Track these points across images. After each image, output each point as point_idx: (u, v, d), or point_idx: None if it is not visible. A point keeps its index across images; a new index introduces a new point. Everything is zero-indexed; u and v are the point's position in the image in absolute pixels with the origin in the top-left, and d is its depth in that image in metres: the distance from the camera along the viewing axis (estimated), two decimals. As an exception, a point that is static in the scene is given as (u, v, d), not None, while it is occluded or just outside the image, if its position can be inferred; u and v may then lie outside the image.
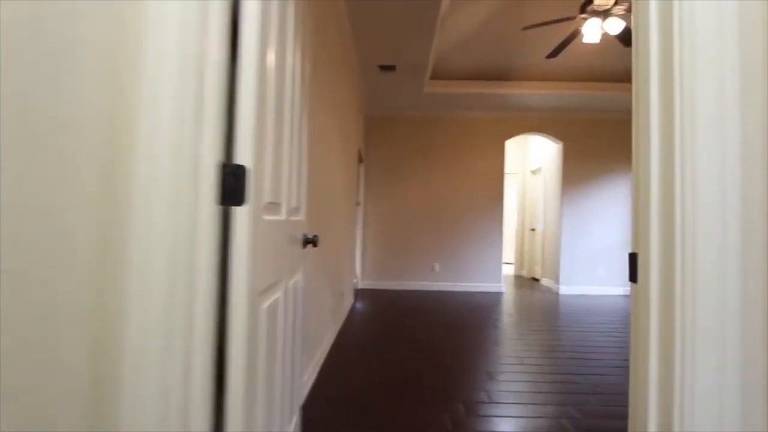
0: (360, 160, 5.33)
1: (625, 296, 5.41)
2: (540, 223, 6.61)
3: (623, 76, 4.65)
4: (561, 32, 3.86)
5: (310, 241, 1.51)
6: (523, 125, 5.63)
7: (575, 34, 3.34)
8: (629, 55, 4.16)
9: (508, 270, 8.06)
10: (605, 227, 5.58)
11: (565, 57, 4.28)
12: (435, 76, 4.74)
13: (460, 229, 5.58)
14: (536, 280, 6.79)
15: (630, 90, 4.39)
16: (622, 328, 3.70)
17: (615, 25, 3.09)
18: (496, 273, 5.57)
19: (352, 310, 4.18)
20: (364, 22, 3.21)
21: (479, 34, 3.90)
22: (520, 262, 7.55)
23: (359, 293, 5.17)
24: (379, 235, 5.60)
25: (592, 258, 5.57)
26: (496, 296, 5.19)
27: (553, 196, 6.04)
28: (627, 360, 2.78)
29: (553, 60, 4.38)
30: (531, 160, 7.16)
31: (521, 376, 2.48)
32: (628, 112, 5.45)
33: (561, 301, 4.93)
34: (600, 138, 5.63)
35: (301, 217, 1.47)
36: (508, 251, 8.84)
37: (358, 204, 5.41)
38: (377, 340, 3.16)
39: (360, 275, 5.52)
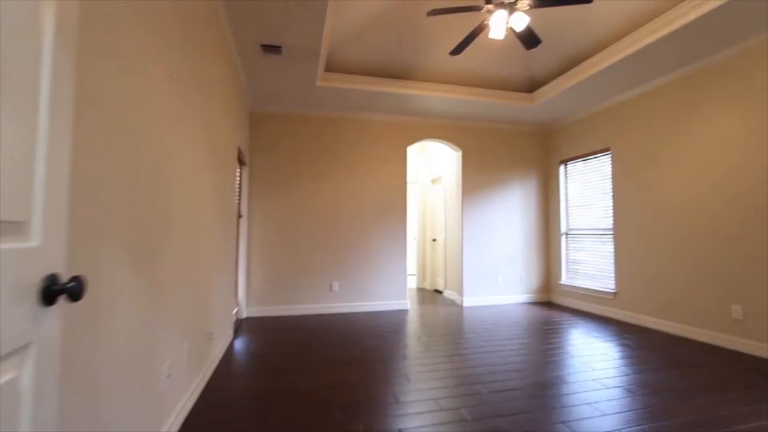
0: (242, 162, 4.44)
1: (523, 303, 5.46)
2: (441, 233, 6.46)
3: (524, 87, 4.68)
4: (466, 29, 3.63)
5: (60, 291, 0.74)
6: (424, 131, 5.38)
7: (481, 28, 3.09)
8: (531, 64, 4.14)
9: (411, 282, 7.81)
10: (503, 236, 5.61)
11: (469, 61, 4.09)
12: (330, 69, 4.16)
13: (361, 242, 5.04)
14: (439, 292, 6.60)
15: (530, 100, 4.35)
16: (526, 337, 3.53)
17: (519, 21, 2.89)
18: (401, 289, 5.15)
19: (229, 352, 3.28)
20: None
21: (380, 23, 3.44)
22: (422, 273, 7.34)
23: (244, 324, 4.23)
24: (267, 253, 4.74)
25: (493, 267, 5.53)
26: (402, 315, 4.75)
27: (453, 205, 5.91)
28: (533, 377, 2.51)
29: (456, 63, 4.16)
30: (431, 169, 7.04)
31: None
32: (526, 124, 5.60)
33: (467, 315, 4.70)
34: (498, 148, 5.67)
35: (32, 242, 0.70)
36: (410, 263, 8.65)
37: (240, 216, 4.49)
38: (255, 400, 2.37)
39: (244, 302, 4.58)
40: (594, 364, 2.96)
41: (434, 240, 6.93)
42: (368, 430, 1.95)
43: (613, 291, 4.57)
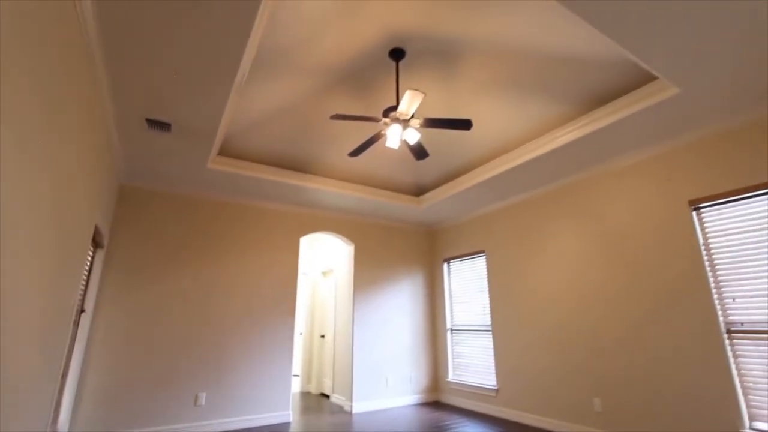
0: (97, 244, 3.70)
1: (412, 405, 5.25)
2: (331, 328, 6.12)
3: (413, 191, 5.11)
4: (364, 133, 3.91)
5: None
6: (318, 223, 5.35)
7: (378, 136, 3.36)
8: (420, 172, 4.60)
9: (295, 384, 7.00)
10: (393, 332, 5.54)
11: (366, 162, 4.36)
12: (224, 152, 3.98)
13: (240, 342, 4.41)
14: (326, 396, 5.99)
15: (418, 203, 4.74)
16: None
17: (411, 136, 3.25)
18: (284, 397, 4.51)
19: None
20: (128, 55, 2.29)
21: (284, 116, 3.51)
22: (307, 374, 6.67)
23: (56, 464, 3.09)
24: (112, 358, 3.77)
25: (383, 365, 5.31)
26: (283, 430, 4.07)
27: (344, 299, 5.74)
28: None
29: (353, 163, 4.40)
30: (323, 261, 6.90)
31: None
32: (415, 224, 6.00)
33: (357, 426, 4.26)
34: (389, 244, 5.90)
35: None
36: (296, 361, 7.85)
37: (82, 311, 3.59)
38: None
39: (67, 422, 3.42)
40: (487, 474, 2.84)
41: (323, 336, 6.50)
42: None
43: (495, 387, 4.72)
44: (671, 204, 3.36)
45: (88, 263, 3.51)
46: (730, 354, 2.89)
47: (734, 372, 2.85)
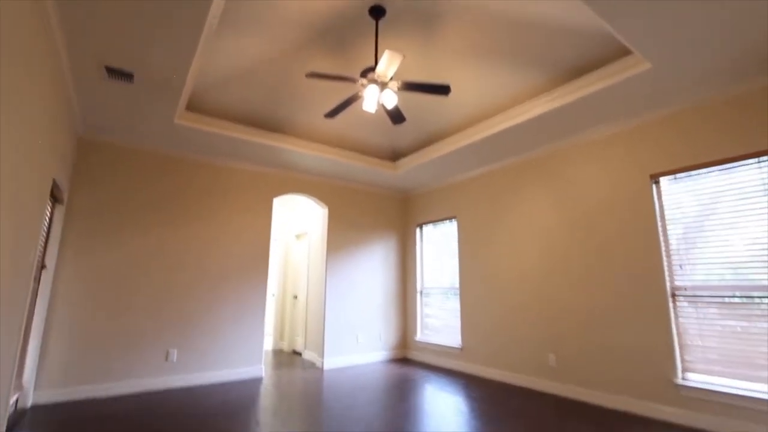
0: (57, 199, 3.53)
1: (382, 361, 5.50)
2: (303, 290, 6.21)
3: (389, 155, 5.08)
4: (341, 94, 3.81)
5: None
6: (292, 185, 5.28)
7: (355, 97, 3.28)
8: (396, 137, 4.55)
9: (267, 343, 7.15)
10: (365, 294, 5.69)
11: (342, 125, 4.28)
12: (193, 108, 3.80)
13: (211, 301, 4.42)
14: (298, 353, 6.17)
15: (394, 168, 4.75)
16: (386, 399, 3.50)
17: (389, 99, 3.19)
18: (256, 353, 4.62)
19: (-7, 462, 2.31)
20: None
21: (258, 72, 3.35)
22: (280, 333, 6.81)
23: (28, 417, 3.09)
24: (80, 314, 3.71)
25: (355, 325, 5.49)
26: (255, 385, 4.20)
27: (318, 262, 5.80)
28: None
29: (329, 125, 4.30)
30: (296, 224, 6.87)
31: None
32: (390, 188, 6.02)
33: (328, 380, 4.45)
34: (363, 208, 5.92)
35: None
36: (268, 321, 7.97)
37: (43, 267, 3.47)
38: None
39: (32, 384, 3.40)
40: (448, 420, 3.07)
41: (295, 297, 6.60)
42: None
43: (460, 346, 5.01)
44: (634, 176, 3.52)
45: (48, 218, 3.36)
46: (672, 315, 3.17)
47: (674, 331, 3.15)
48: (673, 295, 3.20)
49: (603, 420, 3.10)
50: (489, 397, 3.74)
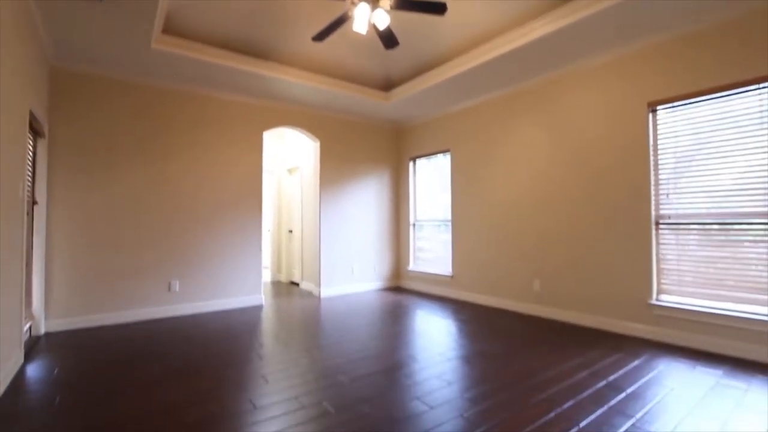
0: (37, 133, 3.41)
1: (376, 290, 5.79)
2: (298, 224, 6.30)
3: (382, 85, 4.86)
4: (330, 15, 3.54)
5: None
6: (282, 117, 5.10)
7: (345, 17, 3.06)
8: (389, 65, 4.32)
9: (265, 276, 7.42)
10: (359, 227, 5.80)
11: (331, 50, 4.02)
12: (172, 32, 3.52)
13: (209, 234, 4.49)
14: (296, 284, 6.44)
15: (386, 98, 4.57)
16: (380, 323, 3.75)
17: (381, 19, 2.98)
18: (255, 283, 4.81)
19: (18, 383, 2.49)
20: None
21: (233, -14, 3.06)
22: (277, 266, 7.04)
23: (43, 343, 3.28)
24: (79, 250, 3.77)
25: (349, 257, 5.67)
26: (256, 312, 4.44)
27: (311, 196, 5.82)
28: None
29: (318, 50, 4.04)
30: (288, 158, 6.77)
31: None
32: (382, 120, 5.85)
33: (325, 306, 4.70)
34: (356, 141, 5.80)
35: None
36: (265, 255, 8.19)
37: (35, 203, 3.45)
38: (62, 435, 1.85)
39: (43, 313, 3.55)
40: (437, 340, 3.32)
41: (290, 231, 6.72)
42: (222, 447, 1.73)
43: (450, 274, 5.25)
44: (632, 105, 3.45)
45: (31, 153, 3.26)
46: (654, 242, 3.31)
47: (654, 257, 3.30)
48: (657, 224, 3.31)
49: (580, 336, 3.37)
50: (476, 319, 4.01)
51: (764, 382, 2.38)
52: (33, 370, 2.65)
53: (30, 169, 3.22)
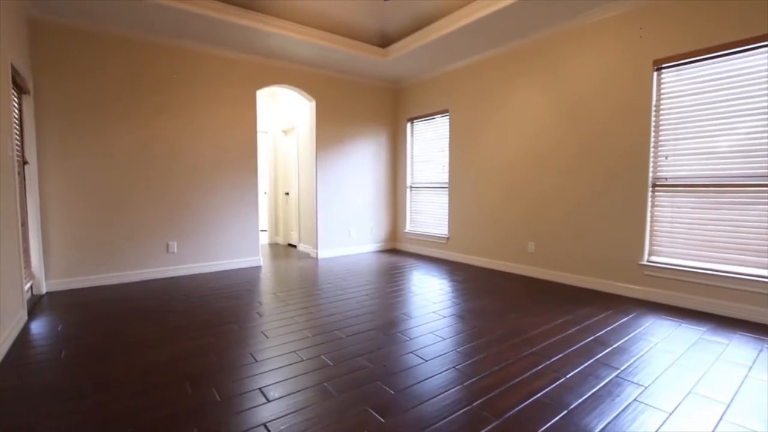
0: (21, 89, 3.29)
1: (373, 252, 5.86)
2: (295, 186, 6.26)
3: (379, 41, 4.66)
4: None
5: None
6: (276, 75, 4.93)
7: (339, -36, 2.87)
8: (389, 18, 4.11)
9: (263, 238, 7.48)
10: (356, 190, 5.78)
11: (328, 3, 3.82)
12: (154, -21, 3.31)
13: (205, 196, 4.47)
14: (293, 246, 6.51)
15: (384, 55, 4.38)
16: (376, 282, 3.83)
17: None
18: (253, 245, 4.85)
19: (24, 339, 2.56)
20: None
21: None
22: (274, 228, 7.07)
23: (45, 301, 3.34)
24: (74, 211, 3.75)
25: (346, 220, 5.70)
26: (254, 272, 4.51)
27: (307, 158, 5.74)
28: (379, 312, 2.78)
29: (313, 4, 3.83)
30: (283, 118, 6.61)
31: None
32: (380, 79, 5.67)
33: (322, 267, 4.78)
34: (352, 102, 5.65)
35: None
36: (262, 217, 8.21)
37: (25, 163, 3.39)
38: (71, 392, 1.93)
39: (43, 273, 3.59)
40: (433, 298, 3.41)
41: (287, 194, 6.69)
42: (224, 396, 1.81)
43: (447, 236, 5.30)
44: (636, 64, 3.34)
45: (17, 110, 3.16)
46: (649, 205, 3.33)
47: (648, 219, 3.33)
48: (654, 186, 3.31)
49: (572, 295, 3.47)
50: (471, 279, 4.10)
51: (744, 338, 2.48)
52: (37, 327, 2.72)
53: (17, 127, 3.13)
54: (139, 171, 4.06)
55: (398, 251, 5.98)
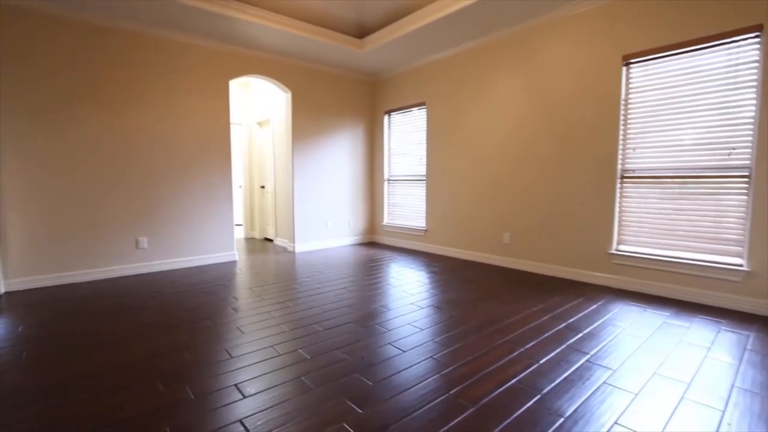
0: (-28, 77, 3.07)
1: (351, 245, 5.85)
2: (270, 179, 6.15)
3: (355, 32, 4.59)
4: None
5: None
6: (250, 65, 4.80)
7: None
8: (365, 8, 4.05)
9: (238, 233, 7.33)
10: (333, 183, 5.73)
11: (296, -13, 3.72)
12: (116, -39, 3.14)
13: (176, 190, 4.32)
14: (270, 240, 6.41)
15: (360, 46, 4.32)
16: (354, 275, 3.83)
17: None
18: (227, 239, 4.74)
19: (-22, 338, 2.41)
20: None
21: None
22: (250, 222, 6.94)
23: (3, 301, 3.16)
24: (34, 206, 3.56)
25: (324, 213, 5.65)
26: (230, 267, 4.42)
27: (283, 150, 5.64)
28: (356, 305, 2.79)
29: (282, -13, 3.73)
30: (258, 110, 6.46)
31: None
32: (356, 71, 5.60)
33: (299, 261, 4.73)
34: (329, 93, 5.57)
35: None
36: (237, 211, 8.03)
37: (-23, 154, 3.18)
38: (37, 394, 1.84)
39: (0, 272, 3.39)
40: (410, 290, 3.43)
41: (263, 187, 6.56)
42: (198, 394, 1.77)
43: (424, 228, 5.34)
44: (607, 58, 3.43)
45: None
46: (617, 196, 3.45)
47: (616, 209, 3.46)
48: (622, 177, 3.43)
49: (545, 285, 3.56)
50: (448, 271, 4.15)
51: (704, 321, 2.62)
52: (-4, 328, 2.57)
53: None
54: (105, 164, 3.88)
55: (376, 244, 5.99)
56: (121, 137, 3.95)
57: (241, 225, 7.05)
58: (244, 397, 1.73)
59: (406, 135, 5.67)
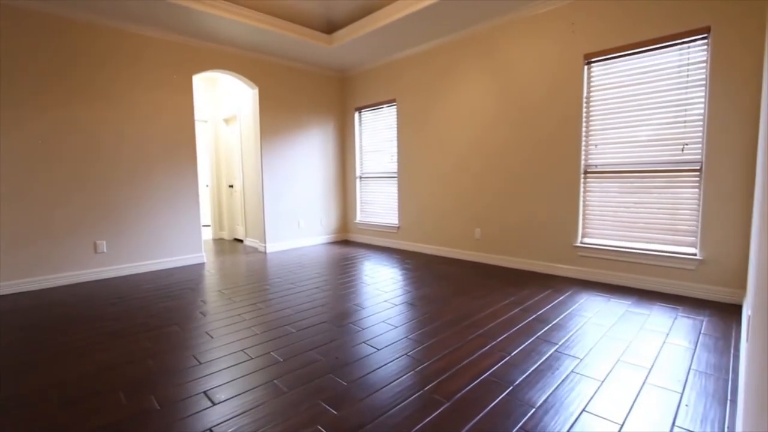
0: None
1: (324, 244, 5.78)
2: (239, 178, 5.98)
3: (323, 27, 4.52)
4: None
5: None
6: (214, 60, 4.63)
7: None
8: (333, 3, 3.99)
9: (206, 234, 7.10)
10: (304, 181, 5.64)
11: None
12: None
13: (136, 188, 4.12)
14: (239, 241, 6.23)
15: (328, 42, 4.26)
16: (327, 274, 3.79)
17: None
18: (194, 240, 4.57)
19: None
20: None
21: None
22: (219, 222, 6.72)
23: (-61, 314, 2.90)
24: (-24, 208, 3.29)
25: (295, 211, 5.55)
26: (197, 269, 4.26)
27: (251, 148, 5.49)
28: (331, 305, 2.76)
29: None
30: (224, 106, 6.25)
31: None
32: (325, 67, 5.51)
33: (271, 261, 4.62)
34: (297, 90, 5.47)
35: None
36: (205, 212, 7.77)
37: None
38: (-22, 407, 1.70)
39: (-61, 281, 3.12)
40: (384, 287, 3.43)
41: (231, 186, 6.37)
42: (164, 403, 1.69)
43: (397, 225, 5.35)
44: (569, 56, 3.54)
45: None
46: (581, 190, 3.58)
47: (581, 204, 3.59)
48: (585, 173, 3.56)
49: (515, 278, 3.65)
50: (421, 267, 4.18)
51: (662, 308, 2.76)
52: (-65, 343, 2.36)
53: None
54: (58, 163, 3.64)
55: (349, 242, 5.95)
56: (74, 136, 3.72)
57: (209, 226, 6.82)
58: (214, 404, 1.67)
59: (378, 132, 5.65)
